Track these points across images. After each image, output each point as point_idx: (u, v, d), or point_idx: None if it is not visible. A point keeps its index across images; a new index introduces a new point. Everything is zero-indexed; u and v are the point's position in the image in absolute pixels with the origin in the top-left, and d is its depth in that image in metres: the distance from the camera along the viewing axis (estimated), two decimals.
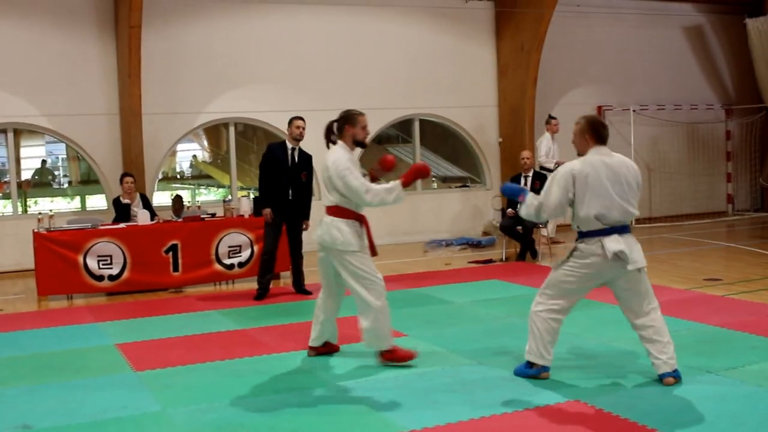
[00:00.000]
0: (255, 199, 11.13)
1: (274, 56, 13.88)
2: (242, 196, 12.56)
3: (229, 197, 13.81)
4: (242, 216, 10.96)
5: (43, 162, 16.11)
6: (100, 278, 10.07)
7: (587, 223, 5.59)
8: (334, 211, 6.33)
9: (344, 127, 6.43)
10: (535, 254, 12.07)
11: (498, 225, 12.92)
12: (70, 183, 16.96)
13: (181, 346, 7.32)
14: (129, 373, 6.46)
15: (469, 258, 12.57)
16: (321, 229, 6.39)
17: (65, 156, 16.32)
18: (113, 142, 12.91)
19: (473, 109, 15.45)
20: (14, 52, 12.39)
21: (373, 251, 6.41)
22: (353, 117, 6.43)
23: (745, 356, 6.26)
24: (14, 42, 12.37)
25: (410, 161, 15.96)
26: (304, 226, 9.82)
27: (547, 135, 13.84)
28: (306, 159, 9.71)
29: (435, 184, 17.73)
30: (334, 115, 6.54)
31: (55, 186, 16.64)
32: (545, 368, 5.87)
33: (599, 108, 16.38)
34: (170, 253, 10.39)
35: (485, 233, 15.24)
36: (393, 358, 6.35)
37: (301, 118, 9.66)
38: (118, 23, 12.55)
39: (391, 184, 6.29)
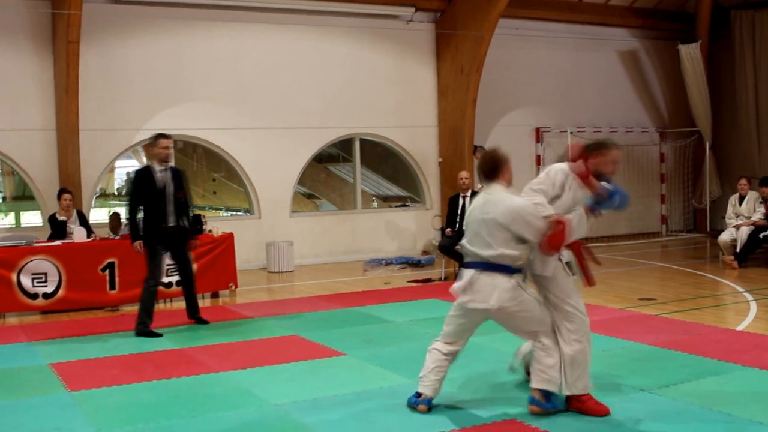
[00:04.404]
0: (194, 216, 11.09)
1: (215, 74, 13.79)
2: None
3: None
4: None
5: None
6: (35, 296, 9.88)
7: None
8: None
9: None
10: None
11: (437, 244, 13.00)
12: (4, 199, 16.65)
13: (117, 366, 7.21)
14: (63, 394, 6.35)
15: (408, 277, 12.62)
16: None
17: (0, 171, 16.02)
18: (50, 158, 12.70)
19: (413, 129, 15.56)
20: None
21: None
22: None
23: (678, 375, 6.38)
24: None
25: (350, 180, 15.99)
26: (191, 246, 9.11)
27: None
28: (179, 177, 8.80)
29: (375, 203, 17.81)
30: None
31: None
32: None
33: (537, 129, 16.63)
34: (107, 271, 10.25)
35: (425, 252, 15.32)
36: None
37: (167, 136, 8.73)
38: (56, 38, 12.38)
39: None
